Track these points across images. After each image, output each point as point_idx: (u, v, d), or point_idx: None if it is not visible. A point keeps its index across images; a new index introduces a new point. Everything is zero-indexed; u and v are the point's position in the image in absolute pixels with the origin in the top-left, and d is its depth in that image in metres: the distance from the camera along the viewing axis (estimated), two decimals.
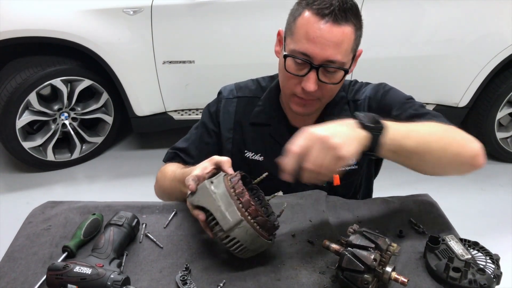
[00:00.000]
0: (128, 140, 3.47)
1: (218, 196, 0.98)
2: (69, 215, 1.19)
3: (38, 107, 2.81)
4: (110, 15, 2.69)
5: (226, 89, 1.41)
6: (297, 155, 0.93)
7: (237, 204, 0.97)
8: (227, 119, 1.37)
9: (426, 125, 1.12)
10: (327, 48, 1.10)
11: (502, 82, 3.00)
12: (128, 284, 0.94)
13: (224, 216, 0.97)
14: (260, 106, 1.35)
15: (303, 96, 1.18)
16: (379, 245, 0.93)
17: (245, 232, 0.97)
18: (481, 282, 0.96)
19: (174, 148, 1.42)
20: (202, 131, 1.40)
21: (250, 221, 0.97)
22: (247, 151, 1.37)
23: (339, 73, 1.16)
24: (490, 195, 2.96)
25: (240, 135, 1.37)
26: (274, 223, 1.03)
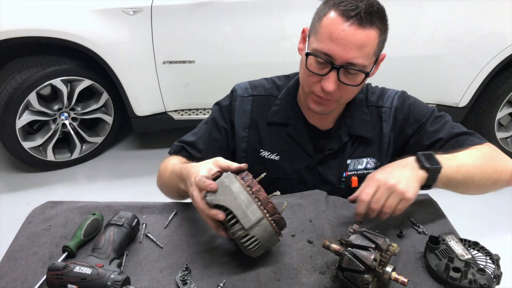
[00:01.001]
0: (128, 140, 3.47)
1: (238, 194, 0.97)
2: (69, 215, 1.19)
3: (38, 107, 2.81)
4: (110, 15, 2.69)
5: (241, 87, 1.39)
6: (368, 202, 1.06)
7: (256, 202, 0.97)
8: (243, 118, 1.36)
9: (470, 155, 1.20)
10: (350, 50, 1.10)
11: (502, 82, 3.00)
12: (128, 284, 0.94)
13: (246, 214, 0.96)
14: (278, 105, 1.35)
15: (321, 95, 1.19)
16: (379, 245, 0.93)
17: (264, 230, 0.98)
18: (481, 282, 0.96)
19: (181, 142, 1.40)
20: (211, 127, 1.38)
21: (268, 219, 0.98)
22: (263, 151, 1.36)
23: (360, 76, 1.16)
24: (490, 195, 2.92)
25: (256, 134, 1.36)
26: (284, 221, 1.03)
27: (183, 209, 1.24)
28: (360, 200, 1.07)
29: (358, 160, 1.34)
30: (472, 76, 2.95)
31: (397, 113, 1.33)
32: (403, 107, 1.33)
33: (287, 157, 1.35)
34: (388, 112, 1.34)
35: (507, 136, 3.21)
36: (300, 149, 1.33)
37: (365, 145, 1.34)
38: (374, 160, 1.35)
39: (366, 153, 1.34)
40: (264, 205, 0.98)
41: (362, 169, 1.35)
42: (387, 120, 1.34)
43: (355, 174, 1.34)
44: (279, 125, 1.34)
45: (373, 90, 1.38)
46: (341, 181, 1.34)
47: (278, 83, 1.39)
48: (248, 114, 1.36)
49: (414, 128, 1.32)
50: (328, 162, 1.34)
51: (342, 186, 1.35)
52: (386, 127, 1.34)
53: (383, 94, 1.36)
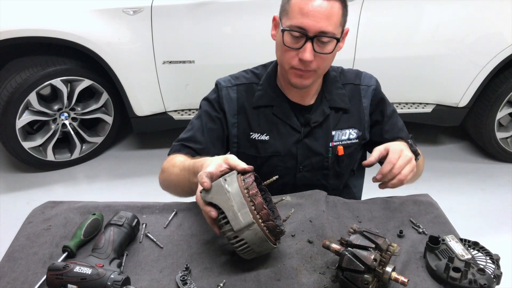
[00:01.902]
0: (128, 140, 3.47)
1: (231, 196, 0.97)
2: (69, 215, 1.19)
3: (38, 107, 2.81)
4: (110, 15, 2.69)
5: (223, 80, 1.48)
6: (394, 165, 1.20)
7: (249, 206, 0.97)
8: (231, 105, 1.44)
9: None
10: (320, 20, 1.22)
11: (502, 82, 3.00)
12: (128, 284, 0.94)
13: (236, 216, 0.96)
14: (261, 90, 1.44)
15: (301, 67, 1.29)
16: (379, 245, 0.93)
17: (254, 234, 0.97)
18: (481, 282, 0.96)
19: (179, 140, 1.44)
20: (205, 119, 1.44)
21: (260, 224, 0.97)
22: (253, 133, 1.44)
23: (332, 44, 1.27)
24: (490, 195, 2.96)
25: (245, 119, 1.44)
26: (282, 229, 1.02)
27: (183, 209, 1.24)
28: (389, 161, 1.20)
29: (341, 131, 1.46)
30: (472, 76, 2.96)
31: (375, 93, 1.50)
32: (379, 91, 1.51)
33: (276, 135, 1.43)
34: (366, 89, 1.49)
35: (507, 136, 3.22)
36: (287, 126, 1.42)
37: (346, 117, 1.46)
38: (355, 130, 1.47)
39: (348, 125, 1.46)
40: (258, 210, 0.97)
41: (346, 139, 1.46)
42: (365, 96, 1.48)
43: (340, 143, 1.45)
44: (265, 108, 1.43)
45: (348, 70, 1.52)
46: (328, 150, 1.44)
47: (256, 72, 1.49)
48: (235, 101, 1.44)
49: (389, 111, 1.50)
50: (314, 134, 1.43)
51: (330, 155, 1.44)
52: (365, 102, 1.48)
53: (359, 74, 1.51)
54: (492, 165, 3.27)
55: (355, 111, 1.47)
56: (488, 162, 3.29)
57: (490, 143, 3.19)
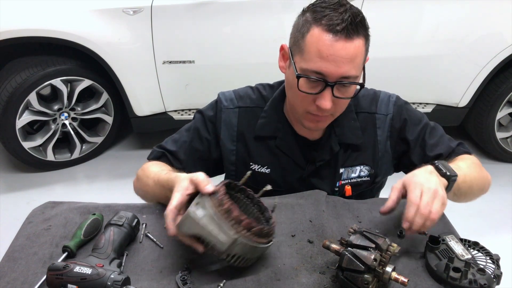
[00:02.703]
0: (128, 140, 3.47)
1: (206, 221, 0.94)
2: (69, 215, 1.19)
3: (38, 107, 2.81)
4: (110, 15, 2.69)
5: (226, 97, 1.35)
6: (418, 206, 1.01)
7: (227, 223, 0.94)
8: (229, 130, 1.33)
9: (468, 165, 1.24)
10: (342, 65, 1.08)
11: (502, 82, 3.00)
12: (128, 284, 0.94)
13: (218, 239, 0.94)
14: (265, 118, 1.32)
15: (317, 113, 1.17)
16: (379, 245, 0.93)
17: (243, 246, 0.96)
18: (481, 282, 0.96)
19: (162, 148, 1.35)
20: (193, 136, 1.34)
21: (245, 235, 0.95)
22: (253, 164, 1.34)
23: (353, 87, 1.15)
24: (490, 195, 2.92)
25: (245, 148, 1.33)
26: (270, 226, 1.01)
27: None
28: (411, 203, 1.01)
29: (351, 169, 1.33)
30: (472, 76, 2.96)
31: (394, 121, 1.31)
32: (399, 115, 1.32)
33: (278, 169, 1.33)
34: (383, 119, 1.32)
35: (507, 136, 3.22)
36: (291, 161, 1.32)
37: (357, 152, 1.32)
38: (367, 167, 1.34)
39: (359, 161, 1.32)
40: (238, 222, 0.94)
41: (356, 177, 1.33)
42: (381, 127, 1.32)
43: (349, 183, 1.33)
44: (267, 138, 1.32)
45: (364, 94, 1.34)
46: (334, 191, 1.33)
47: (263, 93, 1.35)
48: (235, 127, 1.33)
49: (415, 134, 1.31)
50: (320, 172, 1.32)
51: (336, 195, 1.32)
52: (381, 135, 1.32)
53: (376, 99, 1.33)
54: (492, 165, 3.27)
55: (369, 145, 1.32)
56: (488, 162, 3.29)
57: (490, 143, 3.19)
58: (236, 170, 1.35)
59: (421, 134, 1.31)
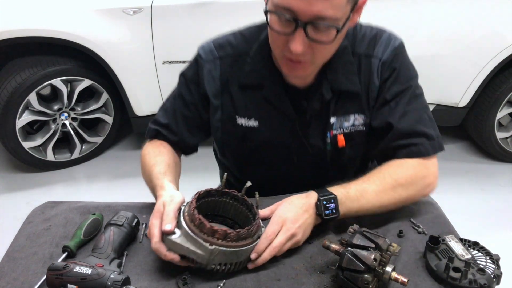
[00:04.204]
0: (128, 140, 3.47)
1: (182, 240, 0.96)
2: (69, 215, 1.19)
3: (38, 107, 2.81)
4: (110, 15, 2.69)
5: (205, 49, 1.23)
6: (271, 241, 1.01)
7: (201, 237, 0.96)
8: (213, 85, 1.21)
9: (382, 190, 1.12)
10: (315, 2, 0.92)
11: (502, 82, 3.00)
12: (128, 284, 0.94)
13: (197, 254, 0.96)
14: (250, 65, 1.18)
15: (292, 58, 1.03)
16: (379, 245, 0.93)
17: (224, 254, 0.97)
18: (481, 282, 0.96)
19: (156, 123, 1.31)
20: (180, 104, 1.27)
21: (224, 244, 0.96)
22: (239, 118, 1.22)
23: (332, 31, 0.98)
24: (490, 195, 2.96)
25: (230, 101, 1.21)
26: (251, 226, 1.00)
27: None
28: (266, 237, 1.01)
29: (344, 117, 1.19)
30: (472, 76, 2.95)
31: (383, 68, 1.17)
32: (391, 63, 1.17)
33: (267, 123, 1.21)
34: (377, 65, 1.17)
35: (507, 136, 3.21)
36: (280, 113, 1.19)
37: (351, 100, 1.18)
38: (363, 116, 1.20)
39: (353, 109, 1.19)
40: (212, 234, 0.96)
41: (350, 126, 1.20)
42: (375, 72, 1.17)
43: (341, 132, 1.20)
44: (253, 88, 1.19)
45: (364, 33, 1.18)
46: (326, 143, 1.21)
47: (246, 36, 1.21)
48: (218, 80, 1.21)
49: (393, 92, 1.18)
50: (311, 123, 1.20)
51: (328, 148, 1.22)
52: (376, 80, 1.17)
53: (376, 40, 1.18)
54: (492, 165, 3.27)
55: (364, 91, 1.18)
56: (488, 162, 3.29)
57: (490, 143, 3.19)
58: (222, 127, 1.25)
59: (399, 95, 1.17)
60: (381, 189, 1.13)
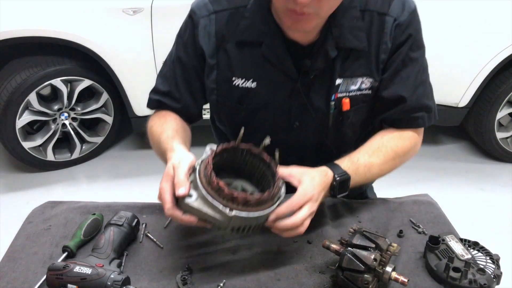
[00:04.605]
0: (128, 140, 3.47)
1: (199, 204, 0.91)
2: (69, 215, 1.19)
3: (38, 107, 2.81)
4: (110, 15, 2.69)
5: (198, 4, 1.15)
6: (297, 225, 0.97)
7: (220, 202, 0.90)
8: (208, 43, 1.13)
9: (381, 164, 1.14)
10: None
11: (502, 82, 3.00)
12: (128, 284, 0.94)
13: (215, 219, 0.92)
14: (248, 19, 1.10)
15: (296, 9, 0.94)
16: (379, 245, 0.93)
17: (243, 219, 0.92)
18: (481, 282, 0.96)
19: (157, 92, 1.24)
20: (179, 68, 1.19)
21: (243, 209, 0.91)
22: (236, 78, 1.14)
23: None
24: (490, 195, 2.95)
25: (226, 59, 1.13)
26: (271, 190, 0.94)
27: None
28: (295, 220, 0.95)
29: (351, 80, 1.12)
30: (472, 76, 2.95)
31: (397, 31, 1.10)
32: (407, 28, 1.11)
33: (265, 83, 1.13)
34: (391, 25, 1.10)
35: (507, 136, 3.21)
36: (280, 72, 1.11)
37: (359, 60, 1.11)
38: (370, 79, 1.14)
39: (361, 71, 1.12)
40: (231, 200, 0.90)
41: (356, 90, 1.14)
42: (389, 32, 1.10)
43: (347, 95, 1.14)
44: (251, 45, 1.11)
45: None
46: (330, 105, 1.14)
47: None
48: (213, 37, 1.13)
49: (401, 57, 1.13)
50: (314, 84, 1.12)
51: (331, 112, 1.15)
52: (388, 41, 1.11)
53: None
54: (492, 165, 3.27)
55: (373, 52, 1.10)
56: (488, 162, 3.29)
57: (490, 143, 3.19)
58: (218, 89, 1.17)
59: (411, 63, 1.13)
60: (383, 162, 1.15)
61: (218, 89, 1.17)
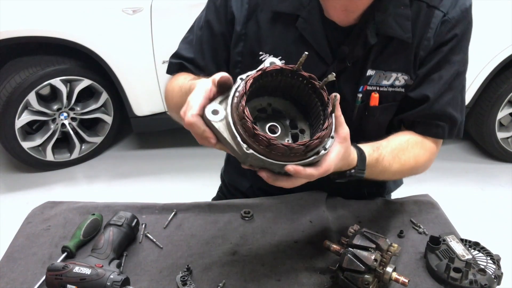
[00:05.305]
0: (127, 140, 3.46)
1: (221, 126, 0.79)
2: (68, 215, 1.19)
3: (37, 107, 2.81)
4: (109, 14, 2.69)
5: None
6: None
7: (240, 134, 0.77)
8: (240, 9, 1.04)
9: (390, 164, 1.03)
10: None
11: (502, 82, 3.00)
12: (128, 285, 0.94)
13: (232, 148, 0.79)
14: None
15: None
16: (379, 245, 0.93)
17: (261, 161, 0.78)
18: (482, 283, 0.96)
19: (179, 57, 1.15)
20: (207, 34, 1.10)
21: (264, 153, 0.77)
22: (263, 53, 1.04)
23: None
24: (491, 195, 2.96)
25: (256, 31, 1.04)
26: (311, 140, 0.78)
27: (183, 209, 1.23)
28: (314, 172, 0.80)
29: (385, 73, 1.02)
30: (473, 76, 2.95)
31: (443, 28, 1.01)
32: (454, 29, 1.02)
33: (295, 62, 0.99)
34: (439, 17, 1.00)
35: (507, 136, 3.22)
36: (313, 53, 1.01)
37: (398, 52, 1.01)
38: (406, 76, 1.03)
39: (397, 66, 1.02)
40: (251, 136, 0.77)
41: (388, 86, 1.04)
42: (435, 27, 1.00)
43: (377, 90, 1.03)
44: (286, 17, 1.01)
45: None
46: (356, 97, 1.04)
47: None
48: (246, 4, 1.04)
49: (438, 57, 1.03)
50: (346, 71, 1.03)
51: (357, 104, 1.05)
52: (431, 36, 1.01)
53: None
54: (493, 165, 3.27)
55: (414, 47, 1.01)
56: (488, 162, 3.29)
57: (491, 143, 3.19)
58: (242, 61, 1.07)
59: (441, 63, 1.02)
60: (400, 168, 1.05)
61: (242, 62, 1.07)
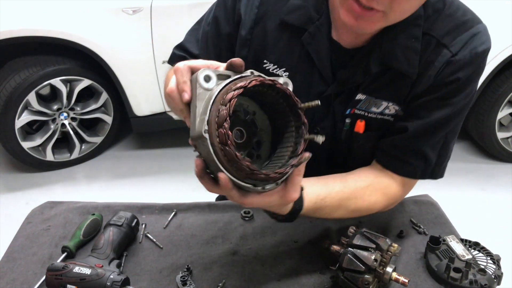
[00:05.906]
0: (127, 140, 3.46)
1: (202, 95, 0.73)
2: (68, 215, 1.19)
3: (37, 107, 2.81)
4: (109, 14, 2.69)
5: None
6: None
7: (210, 115, 0.71)
8: (248, 13, 1.00)
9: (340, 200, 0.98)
10: None
11: (502, 82, 3.00)
12: (128, 285, 0.94)
13: (194, 121, 0.72)
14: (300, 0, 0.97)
15: (363, 2, 0.80)
16: (379, 245, 0.93)
17: (206, 149, 0.71)
18: (482, 283, 0.96)
19: (184, 50, 1.12)
20: (213, 33, 1.06)
21: (215, 142, 0.70)
22: (267, 62, 1.01)
23: None
24: (491, 195, 2.95)
25: (262, 36, 1.00)
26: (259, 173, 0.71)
27: (182, 209, 1.23)
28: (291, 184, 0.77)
29: (375, 101, 0.97)
30: None
31: (448, 69, 0.93)
32: (458, 73, 0.93)
33: (297, 76, 0.98)
34: (446, 57, 0.92)
35: (507, 136, 3.22)
36: (316, 70, 0.98)
37: (394, 83, 0.96)
38: (397, 107, 0.98)
39: (389, 95, 0.97)
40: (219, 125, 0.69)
41: (377, 113, 0.99)
42: (438, 66, 0.93)
43: (365, 115, 0.99)
44: (293, 29, 0.97)
45: (451, 13, 0.94)
46: (344, 120, 1.01)
47: None
48: (256, 9, 1.00)
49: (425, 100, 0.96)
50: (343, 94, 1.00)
51: (345, 128, 1.01)
52: (433, 75, 0.94)
53: (460, 30, 0.94)
54: (493, 165, 3.27)
55: (412, 81, 0.95)
56: (488, 162, 3.29)
57: (491, 143, 3.19)
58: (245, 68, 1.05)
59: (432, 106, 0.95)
60: (347, 215, 1.02)
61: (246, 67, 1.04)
